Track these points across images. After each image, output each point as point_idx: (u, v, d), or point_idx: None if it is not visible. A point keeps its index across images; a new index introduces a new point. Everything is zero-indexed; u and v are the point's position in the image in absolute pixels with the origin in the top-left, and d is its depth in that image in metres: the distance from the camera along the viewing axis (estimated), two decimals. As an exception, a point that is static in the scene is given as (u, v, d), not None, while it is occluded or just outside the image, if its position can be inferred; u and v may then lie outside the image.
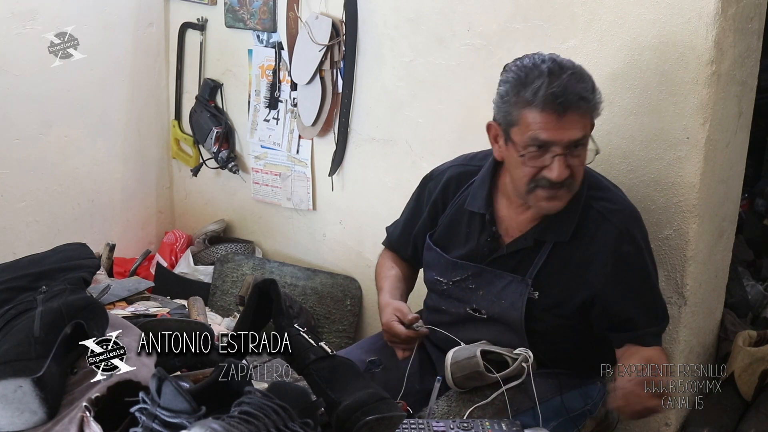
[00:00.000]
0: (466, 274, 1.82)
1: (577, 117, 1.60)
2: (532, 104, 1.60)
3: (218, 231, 3.15)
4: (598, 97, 1.65)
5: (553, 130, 1.60)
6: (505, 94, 1.66)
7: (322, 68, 2.61)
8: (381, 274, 2.01)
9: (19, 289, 1.53)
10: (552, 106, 1.58)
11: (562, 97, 1.57)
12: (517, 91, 1.63)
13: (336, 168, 2.72)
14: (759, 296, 2.56)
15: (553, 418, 1.73)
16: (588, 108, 1.62)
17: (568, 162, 1.63)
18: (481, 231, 1.82)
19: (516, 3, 2.15)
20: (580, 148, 1.64)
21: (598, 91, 1.66)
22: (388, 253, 2.07)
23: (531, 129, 1.61)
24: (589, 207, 1.74)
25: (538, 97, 1.59)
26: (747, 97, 2.05)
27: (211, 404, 1.11)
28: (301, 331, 1.42)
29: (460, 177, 1.90)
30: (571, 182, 1.66)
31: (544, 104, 1.58)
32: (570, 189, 1.68)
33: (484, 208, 1.81)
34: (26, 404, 1.25)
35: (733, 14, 1.84)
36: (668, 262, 2.01)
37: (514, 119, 1.64)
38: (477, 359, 1.69)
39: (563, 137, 1.60)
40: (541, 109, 1.59)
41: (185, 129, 3.19)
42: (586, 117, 1.63)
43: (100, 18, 2.91)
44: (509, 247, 1.78)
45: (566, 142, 1.61)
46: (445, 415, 1.70)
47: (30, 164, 2.83)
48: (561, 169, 1.62)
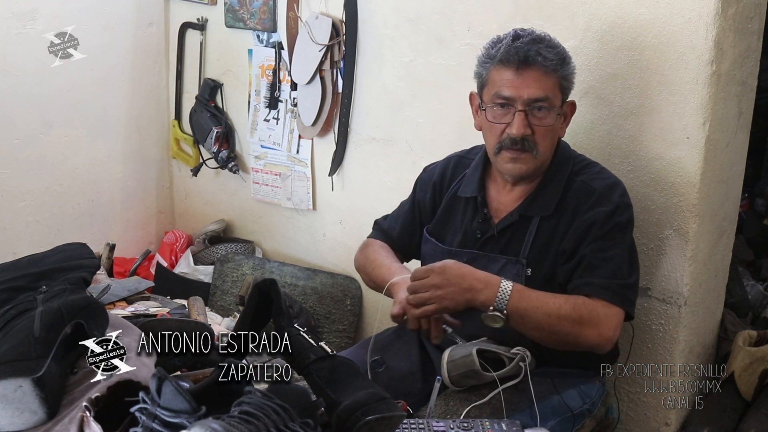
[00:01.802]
0: (461, 261, 1.83)
1: (536, 75, 1.70)
2: (495, 60, 1.73)
3: (218, 231, 3.15)
4: (567, 68, 1.75)
5: (513, 87, 1.71)
6: (479, 58, 1.79)
7: (322, 68, 2.62)
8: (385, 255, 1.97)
9: (19, 289, 1.52)
10: (512, 61, 1.70)
11: (523, 53, 1.69)
12: (487, 53, 1.77)
13: (336, 168, 2.72)
14: (759, 296, 2.56)
15: (551, 417, 1.73)
16: (549, 68, 1.71)
17: (529, 121, 1.72)
18: (473, 215, 1.87)
19: (516, 3, 2.15)
20: (543, 110, 1.72)
21: (569, 63, 1.76)
22: (383, 243, 2.04)
23: (495, 86, 1.74)
24: (573, 181, 1.80)
25: (500, 53, 1.72)
26: (747, 97, 2.05)
27: (211, 404, 1.10)
28: (301, 331, 1.42)
29: (455, 167, 1.97)
30: (534, 146, 1.74)
31: (504, 59, 1.71)
32: (533, 153, 1.75)
33: (477, 191, 1.87)
34: (26, 404, 1.25)
35: (733, 14, 1.84)
36: (668, 262, 2.01)
37: (485, 80, 1.77)
38: (473, 357, 1.69)
39: (522, 93, 1.70)
40: (503, 65, 1.72)
41: (185, 129, 3.19)
42: (548, 78, 1.72)
43: (100, 18, 2.91)
44: (498, 225, 1.83)
45: (525, 99, 1.71)
46: (442, 414, 1.70)
47: (30, 164, 2.84)
48: (519, 124, 1.71)
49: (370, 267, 1.98)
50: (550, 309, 1.65)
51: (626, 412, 2.17)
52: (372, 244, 2.05)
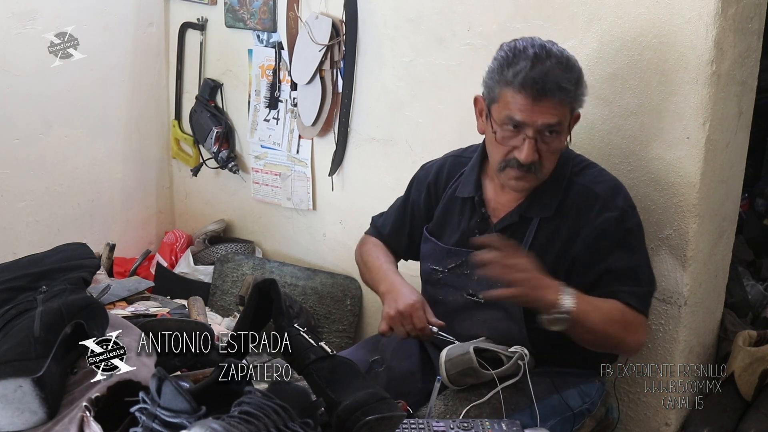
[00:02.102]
0: (460, 260, 1.84)
1: (552, 104, 1.65)
2: (511, 84, 1.66)
3: (218, 231, 3.15)
4: (581, 90, 1.71)
5: (527, 113, 1.66)
6: (492, 71, 1.72)
7: (322, 68, 2.61)
8: (376, 256, 1.99)
9: (19, 289, 1.53)
10: (529, 90, 1.64)
11: (541, 83, 1.63)
12: (501, 70, 1.69)
13: (336, 168, 2.72)
14: (759, 296, 2.56)
15: (551, 417, 1.73)
16: (565, 98, 1.67)
17: (538, 146, 1.69)
18: (471, 215, 1.87)
19: (516, 3, 2.15)
20: (553, 135, 1.69)
21: (583, 83, 1.71)
22: (377, 241, 2.07)
23: (508, 108, 1.68)
24: (572, 182, 1.79)
25: (518, 79, 1.65)
26: (747, 97, 2.05)
27: (211, 404, 1.10)
28: (301, 331, 1.42)
29: (452, 166, 1.96)
30: (539, 168, 1.72)
31: (522, 86, 1.64)
32: (538, 175, 1.73)
33: (474, 191, 1.86)
34: (26, 404, 1.25)
35: (733, 14, 1.84)
36: (668, 262, 2.01)
37: (495, 96, 1.71)
38: (470, 355, 1.69)
39: (536, 120, 1.66)
40: (519, 90, 1.65)
41: (185, 129, 3.19)
42: (563, 106, 1.68)
43: (100, 18, 2.91)
44: (497, 225, 1.82)
45: (539, 126, 1.67)
46: (442, 414, 1.70)
47: (30, 164, 2.83)
48: (529, 151, 1.68)
49: (364, 269, 2.04)
50: (604, 312, 1.66)
51: (626, 412, 2.17)
52: (366, 242, 2.09)
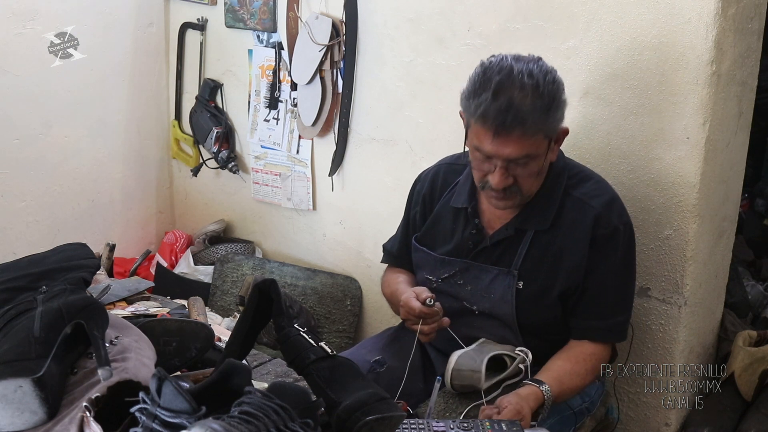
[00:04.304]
0: (453, 270, 1.83)
1: (517, 136, 1.60)
2: (474, 116, 1.62)
3: (218, 231, 3.15)
4: (554, 115, 1.63)
5: (493, 146, 1.62)
6: (462, 96, 1.68)
7: (322, 68, 2.62)
8: (392, 280, 1.98)
9: (19, 289, 1.53)
10: (490, 124, 1.60)
11: (501, 118, 1.58)
12: (468, 98, 1.65)
13: (336, 168, 2.72)
14: (759, 296, 2.56)
15: (551, 416, 1.73)
16: (532, 129, 1.60)
17: (512, 172, 1.66)
18: (465, 225, 1.85)
19: (516, 3, 2.15)
20: (527, 160, 1.65)
21: (557, 106, 1.64)
22: (392, 268, 2.05)
23: (477, 138, 1.65)
24: (568, 195, 1.77)
25: (479, 112, 1.61)
26: (747, 97, 2.05)
27: (211, 404, 1.10)
28: (301, 332, 1.42)
29: (446, 174, 1.93)
30: (517, 190, 1.69)
31: (483, 120, 1.61)
32: (518, 195, 1.71)
33: (467, 202, 1.84)
34: (26, 404, 1.25)
35: (733, 14, 1.84)
36: (668, 262, 2.01)
37: (467, 122, 1.69)
38: (480, 375, 1.68)
39: (501, 153, 1.63)
40: (481, 124, 1.62)
41: (185, 129, 3.19)
42: (532, 136, 1.61)
43: (100, 18, 2.91)
44: (492, 237, 1.81)
45: (505, 158, 1.63)
46: (442, 413, 1.70)
47: (30, 164, 2.83)
48: (499, 178, 1.66)
49: (390, 300, 1.98)
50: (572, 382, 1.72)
51: (626, 412, 2.17)
52: (385, 274, 2.07)
